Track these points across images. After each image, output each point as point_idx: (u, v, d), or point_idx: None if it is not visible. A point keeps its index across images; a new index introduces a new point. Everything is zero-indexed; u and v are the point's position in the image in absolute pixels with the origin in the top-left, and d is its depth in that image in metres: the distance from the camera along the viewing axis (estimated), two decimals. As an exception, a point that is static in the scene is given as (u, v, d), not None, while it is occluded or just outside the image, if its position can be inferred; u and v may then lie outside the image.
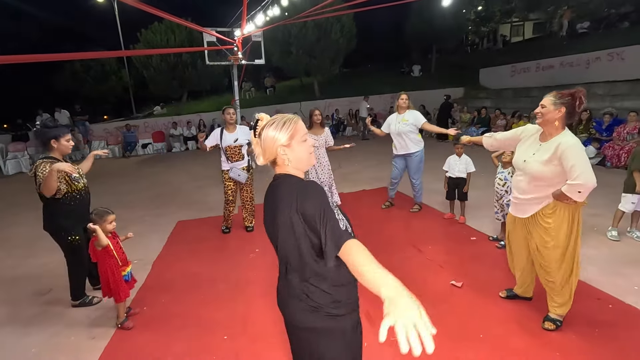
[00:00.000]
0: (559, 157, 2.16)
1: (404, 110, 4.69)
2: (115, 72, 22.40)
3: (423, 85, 16.35)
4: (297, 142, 1.27)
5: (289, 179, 1.27)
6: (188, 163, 10.32)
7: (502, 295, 2.84)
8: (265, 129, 1.27)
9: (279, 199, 1.23)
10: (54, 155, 2.87)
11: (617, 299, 2.73)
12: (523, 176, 2.39)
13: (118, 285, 2.61)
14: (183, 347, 2.48)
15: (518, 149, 2.49)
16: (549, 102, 2.21)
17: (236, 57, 9.29)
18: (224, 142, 4.21)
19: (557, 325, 2.41)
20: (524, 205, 2.43)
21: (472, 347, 2.33)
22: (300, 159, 1.28)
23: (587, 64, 11.21)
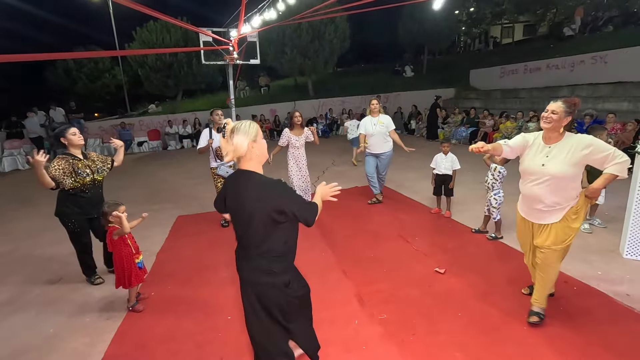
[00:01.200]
0: (584, 154, 2.26)
1: (377, 114, 5.10)
2: (108, 70, 22.38)
3: (415, 85, 16.69)
4: (259, 139, 1.72)
5: (258, 177, 1.69)
6: (184, 161, 10.49)
7: (524, 292, 2.88)
8: (236, 131, 1.65)
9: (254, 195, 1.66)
10: (69, 151, 3.14)
11: (582, 282, 3.05)
12: (542, 181, 2.39)
13: (132, 271, 2.83)
14: (190, 327, 2.73)
15: (526, 157, 2.51)
16: (562, 110, 2.30)
17: (232, 57, 9.49)
18: (215, 142, 4.46)
19: (541, 318, 2.53)
20: (544, 213, 2.44)
21: (451, 323, 2.62)
22: (263, 152, 1.74)
23: (572, 66, 11.63)
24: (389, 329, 2.58)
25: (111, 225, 2.81)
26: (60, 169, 3.02)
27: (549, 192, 2.37)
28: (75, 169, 3.09)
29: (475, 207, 4.89)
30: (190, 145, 13.43)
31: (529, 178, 2.48)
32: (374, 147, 5.12)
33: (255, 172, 1.70)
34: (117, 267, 2.86)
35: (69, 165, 3.07)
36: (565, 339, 2.40)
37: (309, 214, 1.69)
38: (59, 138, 3.12)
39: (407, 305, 2.86)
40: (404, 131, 13.89)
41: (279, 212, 1.63)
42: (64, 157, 3.10)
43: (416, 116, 13.81)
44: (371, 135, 5.07)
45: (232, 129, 1.66)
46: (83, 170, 3.14)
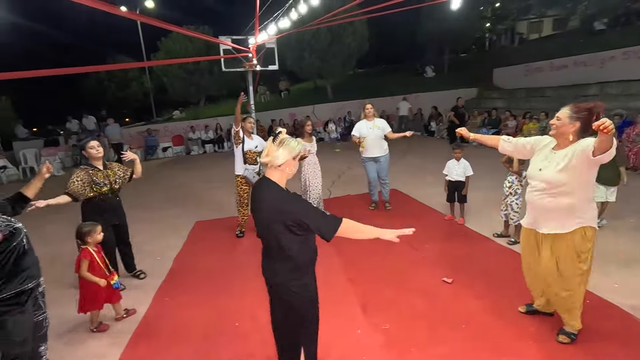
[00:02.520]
0: (575, 155, 2.16)
1: (372, 118, 5.20)
2: (136, 79, 23.39)
3: (436, 86, 16.41)
4: (297, 160, 1.89)
5: (279, 189, 1.83)
6: (206, 166, 10.83)
7: (521, 311, 2.77)
8: (284, 144, 1.82)
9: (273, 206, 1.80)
10: (90, 162, 3.38)
11: (596, 294, 2.93)
12: (537, 186, 2.36)
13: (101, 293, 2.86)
14: (204, 331, 2.86)
15: (532, 160, 2.47)
16: (565, 116, 2.21)
17: (251, 63, 9.73)
18: (246, 146, 4.60)
19: (572, 339, 2.41)
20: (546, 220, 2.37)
21: (454, 335, 2.60)
22: (292, 171, 1.90)
23: (602, 63, 11.09)
24: (390, 340, 2.60)
25: (84, 247, 2.88)
26: (79, 181, 3.23)
27: (548, 197, 2.30)
28: (93, 179, 3.31)
29: (490, 213, 4.79)
30: (212, 150, 13.83)
31: (530, 183, 2.46)
32: (371, 150, 5.17)
33: (278, 183, 1.83)
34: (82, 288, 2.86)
35: (88, 176, 3.29)
36: (574, 354, 2.33)
37: (328, 228, 1.75)
38: (82, 151, 3.40)
39: (411, 315, 2.86)
40: (424, 133, 13.70)
41: (298, 225, 1.74)
42: (84, 168, 3.34)
43: (436, 118, 13.58)
44: (369, 139, 5.13)
45: (282, 141, 1.82)
46: (101, 181, 3.35)
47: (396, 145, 4.99)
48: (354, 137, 5.27)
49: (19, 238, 2.09)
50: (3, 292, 1.98)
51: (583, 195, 2.28)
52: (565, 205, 2.27)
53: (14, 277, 2.03)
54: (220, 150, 13.84)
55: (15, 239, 2.06)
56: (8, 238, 2.01)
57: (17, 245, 2.07)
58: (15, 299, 2.03)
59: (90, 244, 2.90)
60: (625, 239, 3.93)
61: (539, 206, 2.38)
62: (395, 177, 6.99)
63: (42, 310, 2.24)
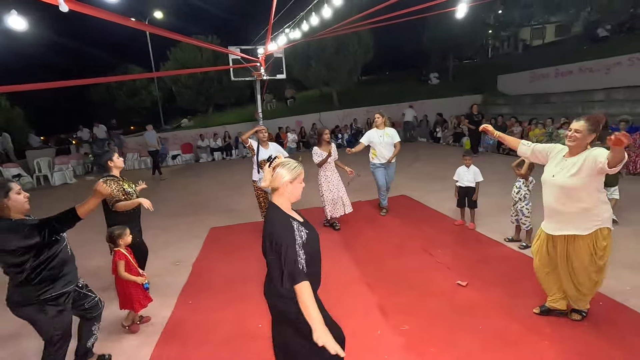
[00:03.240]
0: (587, 164, 2.35)
1: (382, 127, 5.40)
2: (145, 87, 23.84)
3: (441, 93, 16.57)
4: (297, 182, 1.83)
5: (279, 213, 1.78)
6: (215, 173, 11.01)
7: (536, 312, 2.88)
8: (281, 165, 1.81)
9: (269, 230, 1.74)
10: (112, 173, 3.43)
11: (609, 297, 3.02)
12: (551, 191, 2.54)
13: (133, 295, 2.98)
14: (225, 333, 2.98)
15: (547, 167, 2.65)
16: (585, 129, 2.39)
17: (259, 73, 9.95)
18: (260, 156, 4.75)
19: (583, 316, 2.73)
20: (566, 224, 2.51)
21: (471, 336, 2.69)
22: (295, 194, 1.84)
23: (607, 69, 11.18)
24: (410, 341, 2.70)
25: (117, 249, 2.99)
26: (116, 189, 3.31)
27: (562, 200, 2.48)
28: (124, 189, 3.42)
29: (500, 218, 4.88)
30: (220, 158, 14.04)
31: (544, 188, 2.63)
32: (381, 158, 5.40)
33: (280, 208, 1.79)
34: (120, 290, 3.00)
35: (119, 186, 3.38)
36: (588, 355, 2.42)
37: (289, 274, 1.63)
38: (107, 161, 3.44)
39: (429, 317, 2.96)
40: (429, 139, 13.83)
41: (277, 252, 1.66)
42: (113, 179, 3.38)
43: (442, 124, 13.72)
44: (379, 145, 5.35)
45: (279, 163, 1.82)
46: (131, 190, 3.46)
47: (404, 153, 5.14)
48: (361, 144, 5.42)
49: (62, 245, 2.29)
50: (48, 294, 2.20)
51: (596, 199, 2.45)
52: (580, 209, 2.45)
53: (58, 281, 2.24)
54: (229, 157, 14.05)
55: (60, 245, 2.26)
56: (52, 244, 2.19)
57: (62, 251, 2.27)
58: (57, 300, 2.25)
59: (121, 246, 3.02)
60: (635, 242, 4.01)
61: (556, 210, 2.55)
62: (404, 184, 7.12)
63: (92, 297, 2.55)
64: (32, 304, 2.15)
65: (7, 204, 2.09)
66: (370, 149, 5.50)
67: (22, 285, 2.13)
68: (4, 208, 2.09)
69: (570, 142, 2.47)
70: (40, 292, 2.15)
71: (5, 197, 2.09)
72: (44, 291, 2.17)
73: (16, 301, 2.15)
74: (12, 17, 3.01)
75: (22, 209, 2.18)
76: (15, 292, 2.16)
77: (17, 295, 2.15)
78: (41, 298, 2.16)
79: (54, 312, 2.22)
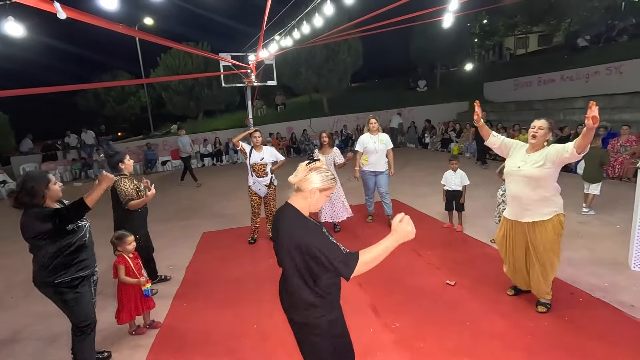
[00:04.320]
0: (549, 157, 2.68)
1: (376, 133, 5.14)
2: (133, 93, 23.65)
3: (428, 99, 16.93)
4: (324, 194, 1.70)
5: (300, 215, 1.66)
6: (206, 179, 10.98)
7: (509, 294, 3.23)
8: (318, 171, 1.67)
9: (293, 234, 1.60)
10: (124, 173, 3.56)
11: (588, 293, 3.18)
12: (516, 180, 2.87)
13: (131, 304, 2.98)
14: (221, 334, 3.02)
15: (510, 159, 2.99)
16: (545, 126, 2.77)
17: (250, 79, 10.05)
18: (252, 159, 4.78)
19: (548, 308, 2.96)
20: (529, 210, 2.84)
21: (460, 331, 2.81)
22: (317, 204, 1.70)
23: (587, 77, 11.64)
24: (401, 337, 2.80)
25: (119, 253, 3.00)
26: (130, 187, 3.44)
27: (526, 189, 2.81)
28: (137, 187, 3.54)
29: (487, 221, 5.05)
30: (211, 164, 14.02)
31: (509, 179, 2.98)
32: (374, 165, 5.13)
33: (300, 210, 1.68)
34: (120, 297, 2.99)
35: (133, 184, 3.50)
36: (569, 347, 2.55)
37: (344, 265, 1.54)
38: (118, 163, 3.56)
39: (419, 315, 3.07)
40: (418, 145, 14.09)
41: (311, 256, 1.56)
42: (126, 177, 3.52)
43: (430, 130, 14.01)
44: (373, 153, 5.09)
45: (318, 167, 1.69)
46: (143, 188, 3.58)
47: (394, 158, 5.20)
48: (359, 153, 5.22)
49: (80, 234, 2.42)
50: (61, 278, 2.35)
51: (554, 188, 2.82)
52: (542, 197, 2.80)
53: (71, 267, 2.38)
54: (219, 163, 14.04)
55: (76, 235, 2.39)
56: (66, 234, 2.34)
57: (78, 240, 2.41)
58: (71, 283, 2.39)
59: (125, 251, 3.01)
60: (613, 242, 4.20)
61: (519, 198, 2.87)
62: (395, 188, 7.26)
63: (93, 297, 2.62)
64: (50, 287, 2.34)
65: (46, 193, 2.31)
66: (362, 155, 5.21)
67: (40, 269, 2.32)
68: (42, 197, 2.29)
69: (533, 139, 2.79)
70: (55, 276, 2.32)
71: (46, 187, 2.31)
72: (58, 275, 2.33)
73: (38, 282, 2.36)
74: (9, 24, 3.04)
75: (57, 197, 2.41)
76: (36, 274, 2.35)
77: (38, 277, 2.35)
78: (55, 282, 2.33)
79: (71, 296, 2.38)
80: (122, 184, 3.42)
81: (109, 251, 3.15)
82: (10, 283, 4.41)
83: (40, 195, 2.29)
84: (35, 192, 2.27)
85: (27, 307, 3.76)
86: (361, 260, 1.55)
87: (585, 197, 5.26)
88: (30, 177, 2.31)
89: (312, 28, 7.15)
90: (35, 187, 2.27)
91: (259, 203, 4.94)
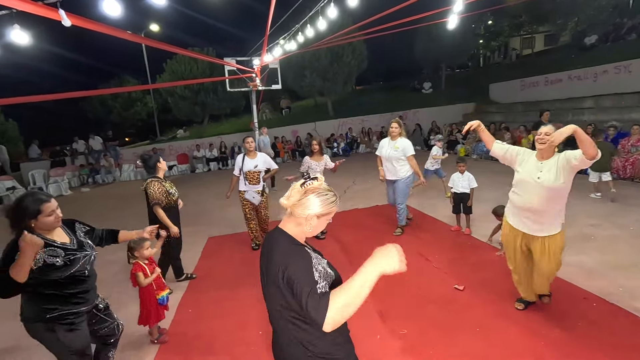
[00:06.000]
0: (562, 165, 2.57)
1: (396, 137, 4.82)
2: (140, 99, 23.85)
3: (434, 101, 16.83)
4: (325, 218, 1.42)
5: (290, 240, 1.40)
6: (211, 183, 11.02)
7: (519, 308, 3.05)
8: (316, 193, 1.38)
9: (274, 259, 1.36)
10: (158, 175, 3.71)
11: (601, 298, 3.09)
12: (532, 191, 2.66)
13: (151, 310, 2.95)
14: (226, 341, 2.99)
15: (522, 169, 2.76)
16: (553, 132, 2.56)
17: (254, 83, 10.09)
18: (245, 167, 4.76)
19: (550, 295, 3.06)
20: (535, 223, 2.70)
21: (469, 338, 2.74)
22: (316, 230, 1.42)
23: (595, 77, 11.48)
24: (409, 344, 2.74)
25: (135, 260, 2.94)
26: (158, 191, 3.59)
27: (545, 202, 2.63)
28: (167, 189, 3.67)
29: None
30: (216, 168, 14.07)
31: (522, 188, 2.76)
32: (390, 173, 4.90)
33: (291, 235, 1.41)
34: (141, 303, 2.96)
35: (162, 187, 3.64)
36: (583, 354, 2.47)
37: (317, 310, 1.21)
38: (156, 163, 3.73)
39: (427, 321, 3.00)
40: (423, 147, 13.99)
41: (287, 288, 1.30)
42: (157, 180, 3.67)
43: (435, 132, 13.90)
44: (385, 160, 4.90)
45: (317, 188, 1.39)
46: (173, 191, 3.74)
47: None
48: (378, 158, 5.06)
49: (73, 268, 2.05)
50: (54, 312, 2.02)
51: (564, 201, 2.70)
52: (557, 210, 2.68)
53: (69, 300, 2.06)
54: (225, 167, 14.09)
55: (67, 269, 2.03)
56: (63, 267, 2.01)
57: (75, 272, 2.07)
58: (66, 319, 2.06)
59: (142, 256, 2.95)
60: (626, 245, 4.10)
61: (537, 211, 2.68)
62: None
63: (109, 322, 2.35)
64: (40, 322, 2.01)
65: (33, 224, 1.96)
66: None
67: (29, 301, 2.02)
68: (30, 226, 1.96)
69: (541, 145, 2.64)
70: (46, 310, 2.00)
71: (34, 218, 1.96)
72: (51, 309, 2.00)
73: (26, 317, 2.03)
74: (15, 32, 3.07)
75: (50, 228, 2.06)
76: (24, 307, 2.04)
77: (26, 311, 2.03)
78: (46, 317, 2.00)
79: (63, 331, 2.04)
80: (151, 186, 3.59)
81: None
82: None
83: (28, 225, 1.94)
84: (18, 220, 1.94)
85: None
86: (332, 307, 1.21)
87: (594, 186, 5.77)
88: (27, 198, 1.97)
89: (316, 31, 7.15)
90: (21, 215, 1.94)
91: (252, 209, 4.88)
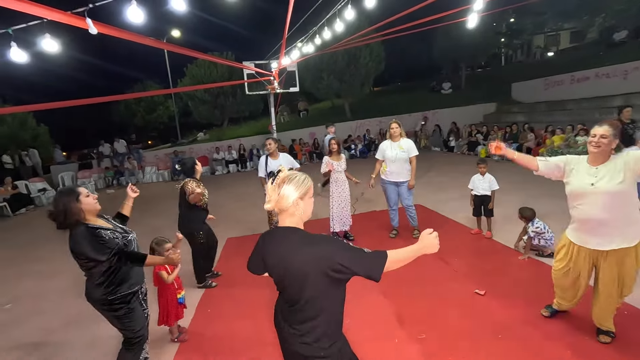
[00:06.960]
0: (629, 166, 2.27)
1: (398, 139, 4.75)
2: (162, 103, 24.59)
3: (453, 102, 16.53)
4: (308, 197, 1.56)
5: (304, 233, 1.52)
6: (230, 185, 11.19)
7: (545, 314, 2.92)
8: (287, 181, 1.52)
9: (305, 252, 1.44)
10: (195, 176, 3.90)
11: (637, 308, 2.93)
12: (592, 201, 2.36)
13: (171, 310, 3.05)
14: (245, 342, 3.02)
15: (574, 179, 2.46)
16: (610, 134, 2.30)
17: (273, 86, 10.20)
18: (269, 168, 4.85)
19: (612, 337, 2.56)
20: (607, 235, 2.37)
21: (490, 345, 2.67)
22: (307, 211, 1.57)
23: (625, 73, 10.99)
24: (428, 349, 2.69)
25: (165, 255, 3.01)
26: (200, 190, 3.80)
27: (609, 210, 2.32)
28: (202, 194, 3.85)
29: (518, 227, 4.79)
30: (235, 170, 14.27)
31: (579, 200, 2.45)
32: (396, 174, 4.77)
33: (299, 228, 1.54)
34: (161, 303, 3.06)
35: (199, 187, 3.82)
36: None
37: (374, 267, 1.43)
38: (194, 166, 3.95)
39: (447, 325, 2.94)
40: (443, 148, 13.76)
41: (336, 270, 1.41)
42: (194, 181, 3.86)
43: (456, 133, 13.65)
44: (392, 162, 4.75)
45: (285, 178, 1.52)
46: (205, 192, 3.93)
47: (418, 162, 4.98)
48: (378, 162, 4.95)
49: (131, 248, 2.40)
50: (114, 294, 2.31)
51: (637, 203, 2.35)
52: (627, 217, 2.34)
53: (124, 284, 2.35)
54: (244, 169, 14.27)
55: (128, 248, 2.35)
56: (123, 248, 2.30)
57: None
58: (124, 299, 2.36)
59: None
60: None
61: (601, 221, 2.36)
62: (419, 194, 7.09)
63: (144, 308, 2.59)
64: (103, 303, 2.31)
65: (80, 208, 2.18)
66: (382, 163, 4.90)
67: (92, 286, 2.30)
68: (78, 213, 2.18)
69: (595, 149, 2.35)
70: (107, 293, 2.29)
71: (77, 201, 2.17)
72: (111, 291, 2.30)
73: (91, 298, 2.33)
74: (46, 40, 3.22)
75: (95, 210, 2.30)
76: (89, 290, 2.33)
77: (91, 294, 2.32)
78: (108, 298, 2.29)
79: (123, 311, 2.35)
80: (190, 184, 3.77)
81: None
82: (46, 288, 4.62)
83: (76, 212, 2.16)
84: (67, 210, 2.15)
85: (62, 310, 3.92)
86: (390, 258, 1.47)
87: None
88: (59, 195, 2.21)
89: (333, 33, 7.16)
90: (66, 204, 2.15)
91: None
